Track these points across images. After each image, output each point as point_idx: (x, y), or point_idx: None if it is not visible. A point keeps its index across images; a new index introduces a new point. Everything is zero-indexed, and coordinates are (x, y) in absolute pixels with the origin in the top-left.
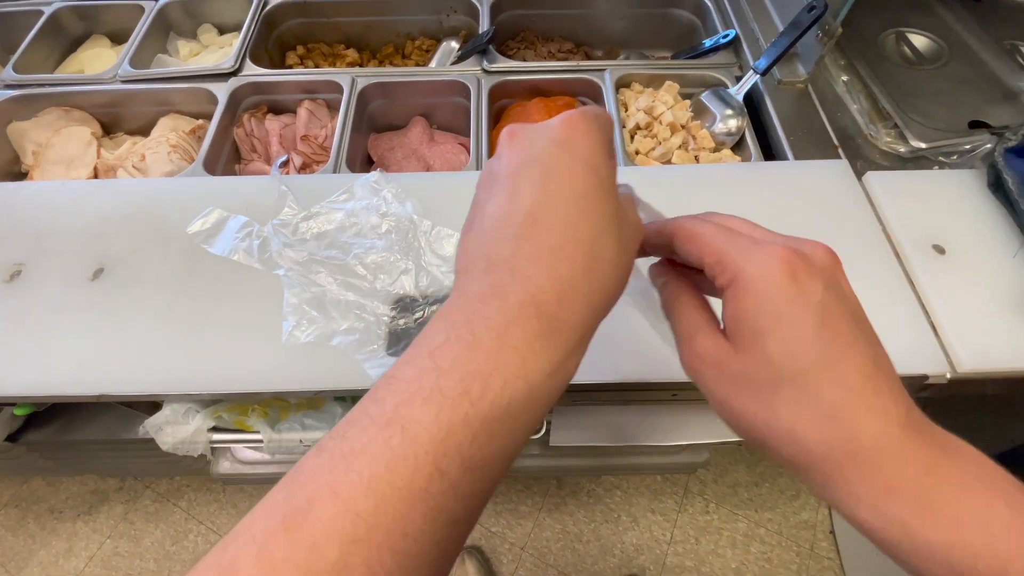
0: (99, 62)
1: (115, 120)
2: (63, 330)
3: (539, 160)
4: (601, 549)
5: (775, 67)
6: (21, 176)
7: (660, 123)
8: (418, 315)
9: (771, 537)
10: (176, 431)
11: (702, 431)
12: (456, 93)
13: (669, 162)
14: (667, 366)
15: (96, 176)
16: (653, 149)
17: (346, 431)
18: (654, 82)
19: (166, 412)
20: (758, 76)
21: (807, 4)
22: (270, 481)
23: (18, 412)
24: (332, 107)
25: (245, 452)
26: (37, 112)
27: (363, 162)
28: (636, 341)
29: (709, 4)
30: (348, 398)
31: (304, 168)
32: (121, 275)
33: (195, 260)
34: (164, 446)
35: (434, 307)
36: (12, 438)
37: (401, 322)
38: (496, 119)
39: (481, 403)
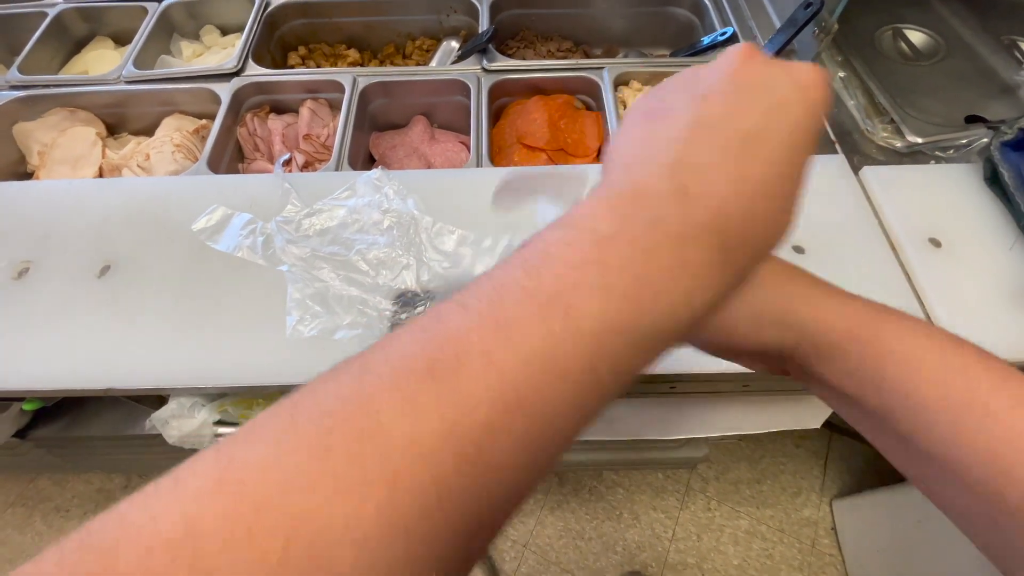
0: (103, 63)
1: (120, 120)
2: (71, 326)
3: (774, 91)
4: (603, 546)
5: None
6: (27, 176)
7: None
8: (419, 309)
9: (773, 534)
10: (182, 425)
11: (700, 424)
12: (456, 92)
13: None
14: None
15: (101, 175)
16: None
17: (497, 296)
18: (653, 80)
19: (172, 406)
20: None
21: (803, 1)
22: None
23: (27, 407)
24: (334, 106)
25: None
26: (42, 113)
27: (365, 160)
28: None
29: (707, 2)
30: None
31: (307, 167)
32: (127, 272)
33: (200, 257)
34: (170, 440)
35: (435, 302)
36: (20, 434)
37: (403, 316)
38: (496, 118)
39: (646, 317)
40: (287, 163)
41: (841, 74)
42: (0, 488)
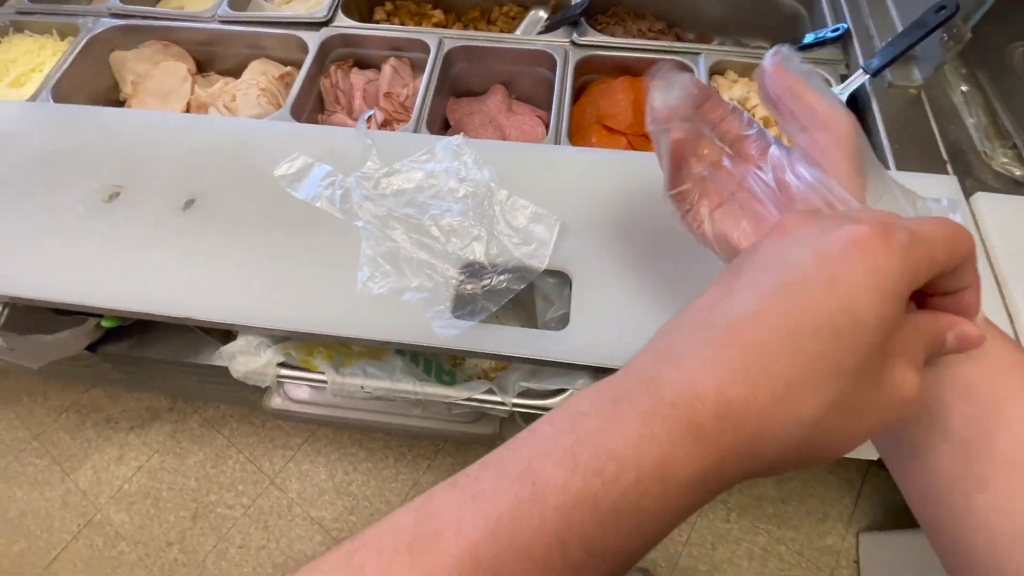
0: (199, 1)
1: (209, 59)
2: (154, 253)
3: (787, 267)
4: None
5: (887, 69)
6: (119, 103)
7: (754, 116)
8: (485, 282)
9: (791, 556)
10: (248, 361)
11: None
12: (540, 63)
13: None
14: None
15: (188, 111)
16: None
17: (480, 472)
18: (750, 71)
19: (240, 342)
20: (867, 76)
21: (936, 3)
22: (312, 422)
23: (105, 324)
24: (415, 67)
25: (296, 391)
26: (138, 43)
27: (441, 125)
28: None
29: None
30: (407, 352)
31: (385, 125)
32: (210, 208)
33: (280, 201)
34: (235, 374)
35: (502, 277)
36: (91, 348)
37: (468, 287)
38: (578, 94)
39: (612, 488)
40: (369, 120)
41: (963, 88)
42: (58, 393)
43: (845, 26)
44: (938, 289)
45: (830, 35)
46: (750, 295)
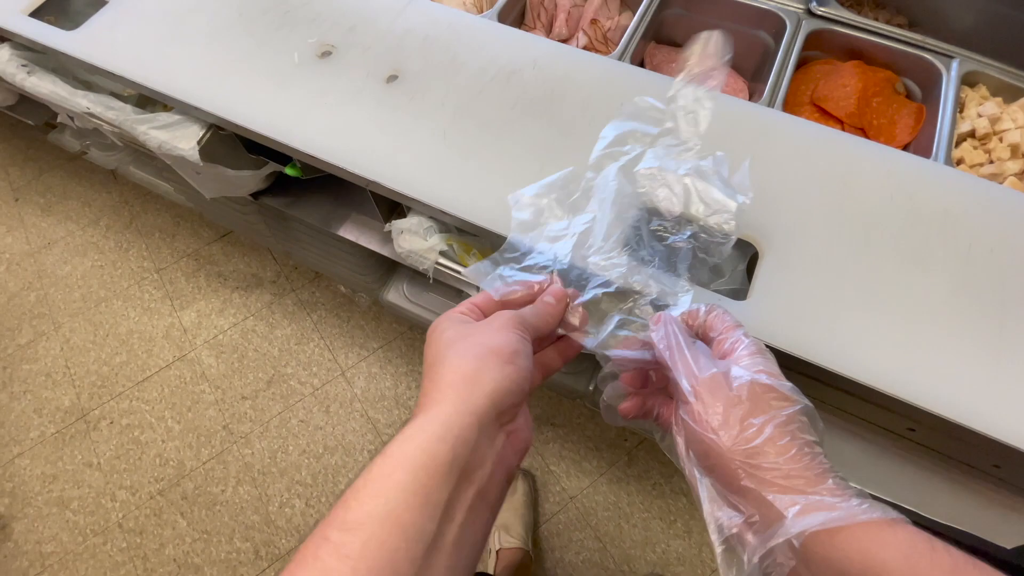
0: None
1: None
2: (354, 115)
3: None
4: (645, 539)
5: None
6: None
7: (1000, 141)
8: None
9: None
10: (413, 241)
11: (899, 489)
12: (763, 26)
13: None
14: (933, 388)
15: None
16: (982, 165)
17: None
18: (1007, 92)
19: (412, 220)
20: None
21: None
22: (418, 324)
23: (288, 171)
24: (624, 2)
25: (414, 290)
26: None
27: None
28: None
29: None
30: None
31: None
32: (412, 86)
33: (477, 97)
34: (399, 250)
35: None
36: (254, 196)
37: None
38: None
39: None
40: (564, 41)
41: None
42: (184, 240)
43: None
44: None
45: None
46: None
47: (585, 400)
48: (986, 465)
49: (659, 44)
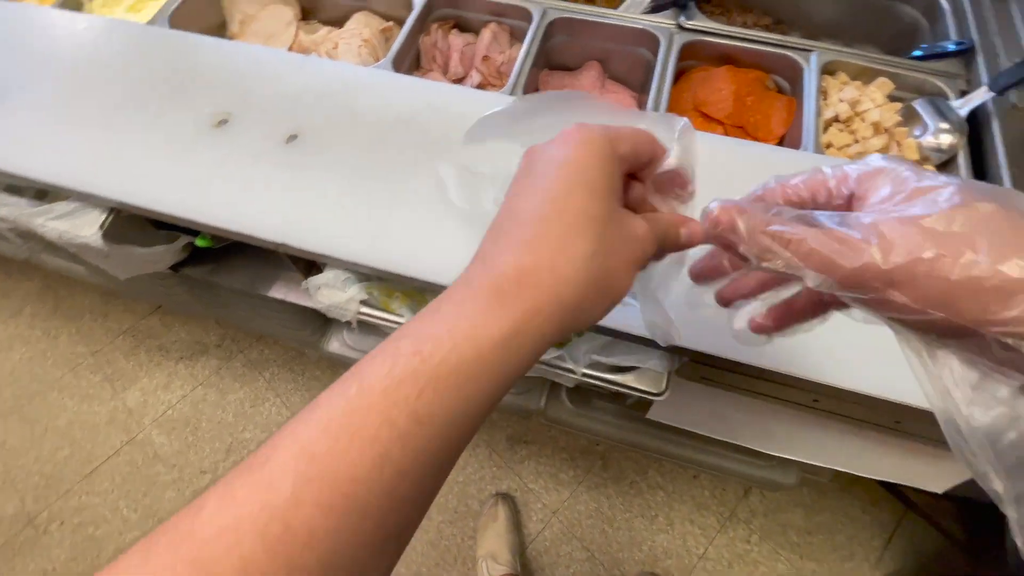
0: None
1: (314, 7)
2: (256, 181)
3: (532, 170)
4: (630, 539)
5: (1013, 89)
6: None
7: (863, 120)
8: None
9: None
10: (332, 294)
11: (820, 451)
12: (641, 44)
13: None
14: (821, 365)
15: None
16: (848, 146)
17: (316, 398)
18: (863, 76)
19: (328, 275)
20: (991, 94)
21: None
22: None
23: (199, 243)
24: (514, 36)
25: (355, 337)
26: None
27: None
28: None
29: (945, 5)
30: None
31: (478, 88)
32: (312, 144)
33: (378, 146)
34: (319, 306)
35: None
36: (174, 268)
37: None
38: (675, 81)
39: (430, 361)
40: (460, 81)
41: None
42: (117, 317)
43: (971, 43)
44: (647, 176)
45: (952, 48)
46: (524, 188)
47: (540, 417)
48: (890, 422)
49: (552, 71)
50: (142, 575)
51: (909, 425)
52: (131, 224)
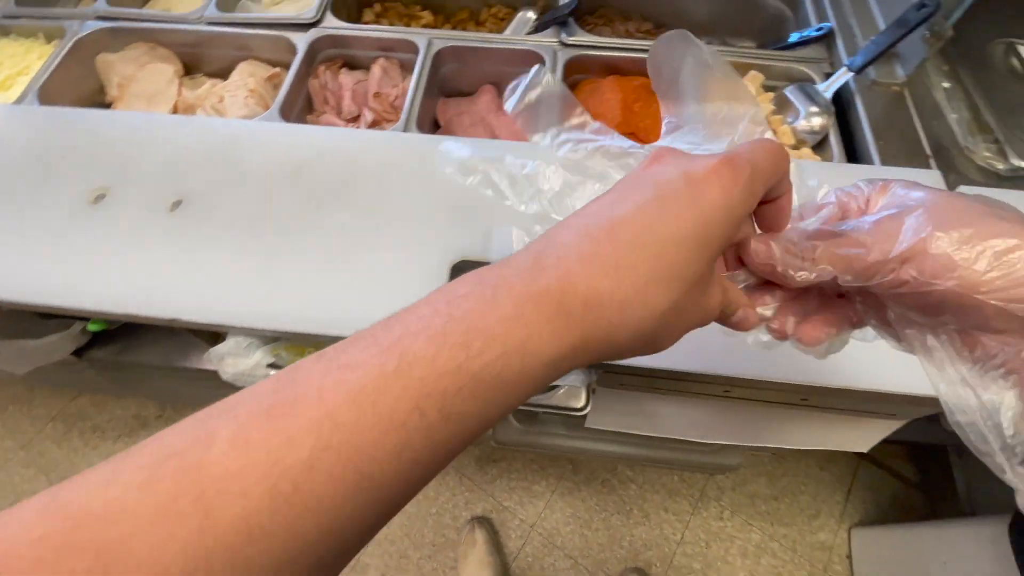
0: (187, 2)
1: (196, 61)
2: (141, 255)
3: (660, 185)
4: (610, 539)
5: (871, 66)
6: (105, 106)
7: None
8: None
9: (784, 553)
10: (237, 363)
11: (745, 433)
12: (529, 64)
13: None
14: (723, 359)
15: (175, 113)
16: None
17: (349, 347)
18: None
19: (230, 343)
20: (851, 74)
21: (917, 2)
22: None
23: (91, 328)
24: (405, 68)
25: None
26: (125, 46)
27: (431, 125)
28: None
29: None
30: None
31: (374, 125)
32: (199, 208)
33: (270, 201)
34: (225, 376)
35: None
36: (77, 353)
37: None
38: None
39: (476, 360)
40: (355, 120)
41: (945, 85)
42: (44, 403)
43: (829, 25)
44: (764, 198)
45: (814, 34)
46: (630, 203)
47: (491, 441)
48: (797, 400)
49: (448, 98)
50: (146, 495)
51: (816, 399)
52: (13, 317)
